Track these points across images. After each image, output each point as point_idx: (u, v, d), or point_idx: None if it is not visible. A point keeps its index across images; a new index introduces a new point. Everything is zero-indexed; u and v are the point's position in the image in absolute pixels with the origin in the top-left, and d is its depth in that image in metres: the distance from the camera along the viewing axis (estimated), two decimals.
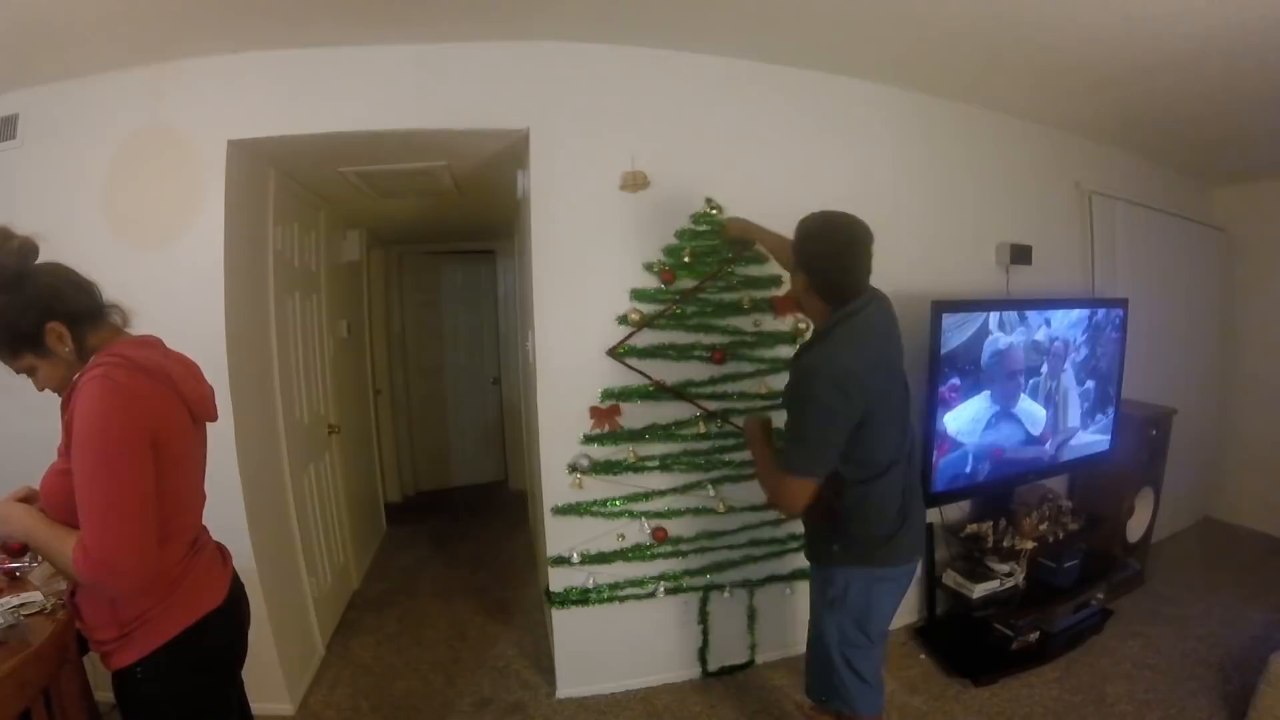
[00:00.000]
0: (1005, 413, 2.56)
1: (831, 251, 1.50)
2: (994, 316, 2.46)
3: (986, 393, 2.49)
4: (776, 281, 2.35)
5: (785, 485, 1.49)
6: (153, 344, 1.19)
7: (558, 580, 2.31)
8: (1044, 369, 2.64)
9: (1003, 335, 2.49)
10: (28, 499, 1.18)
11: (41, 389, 1.14)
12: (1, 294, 1.05)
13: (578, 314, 2.23)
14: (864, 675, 1.61)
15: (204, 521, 1.31)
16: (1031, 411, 2.64)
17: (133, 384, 1.05)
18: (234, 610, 1.27)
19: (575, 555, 2.29)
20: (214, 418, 1.26)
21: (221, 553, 1.32)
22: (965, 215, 2.75)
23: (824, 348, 1.51)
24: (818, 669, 1.69)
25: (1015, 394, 2.58)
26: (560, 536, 2.29)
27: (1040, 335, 2.60)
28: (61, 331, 1.08)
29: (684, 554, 2.37)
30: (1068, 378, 2.72)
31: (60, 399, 1.11)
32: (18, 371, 1.12)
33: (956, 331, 2.37)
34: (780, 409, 2.40)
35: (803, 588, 2.51)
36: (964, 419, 2.46)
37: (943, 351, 2.32)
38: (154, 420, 1.07)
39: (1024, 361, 2.57)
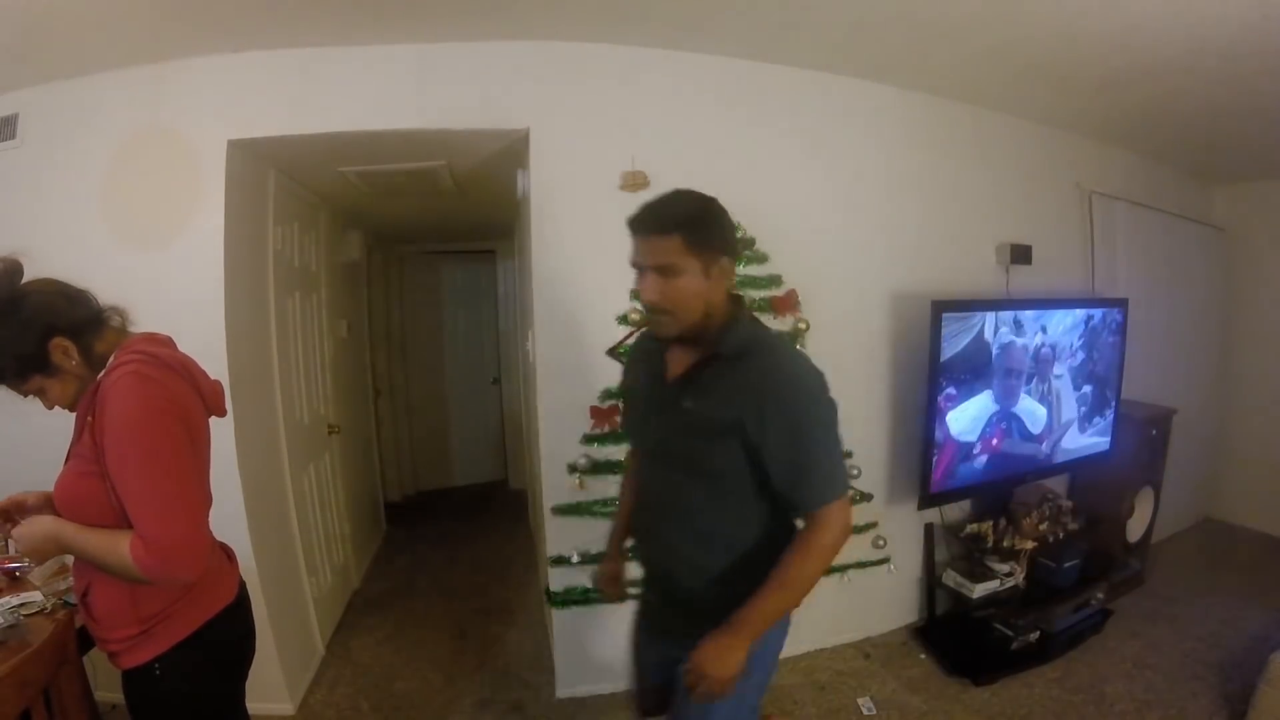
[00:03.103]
0: (1006, 411, 2.57)
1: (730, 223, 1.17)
2: (990, 318, 2.46)
3: (987, 392, 2.49)
4: (777, 281, 2.35)
5: (839, 515, 1.11)
6: (167, 341, 1.20)
7: (558, 580, 2.31)
8: (1041, 372, 2.64)
9: (1003, 333, 2.50)
10: (36, 506, 1.17)
11: (51, 407, 1.13)
12: (4, 324, 1.03)
13: (578, 314, 2.23)
14: None
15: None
16: (1033, 410, 2.64)
17: (162, 378, 1.07)
18: (244, 607, 1.28)
19: (575, 555, 2.29)
20: (224, 412, 1.27)
21: (225, 551, 1.33)
22: (965, 215, 2.75)
23: (775, 345, 1.19)
24: None
25: (1015, 393, 2.58)
26: (560, 536, 2.29)
27: (1036, 340, 2.60)
28: (66, 346, 1.07)
29: None
30: (1062, 381, 2.73)
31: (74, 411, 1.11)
32: (25, 395, 1.10)
33: (955, 337, 2.37)
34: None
35: None
36: (964, 418, 2.46)
37: (943, 356, 2.33)
38: (184, 413, 1.09)
39: (1022, 363, 2.57)
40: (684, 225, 1.09)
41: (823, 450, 1.11)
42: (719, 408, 1.12)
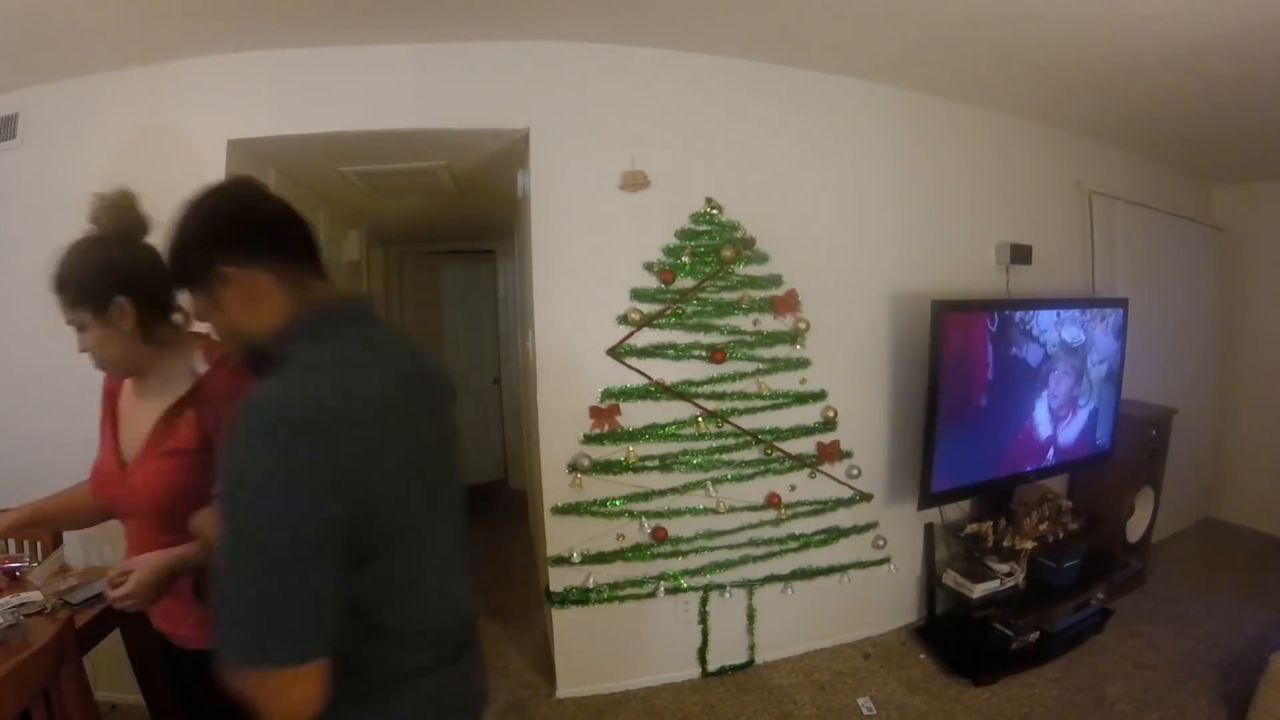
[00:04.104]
0: (1013, 414, 2.57)
1: (238, 202, 0.87)
2: (997, 320, 2.46)
3: (992, 395, 2.49)
4: (777, 281, 2.35)
5: (265, 692, 0.66)
6: None
7: (558, 580, 2.31)
8: (1042, 372, 2.64)
9: (1014, 338, 2.50)
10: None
11: (82, 350, 1.14)
12: (94, 251, 1.09)
13: (578, 314, 2.23)
14: None
15: None
16: (1036, 410, 2.64)
17: None
18: None
19: (575, 555, 2.29)
20: None
21: None
22: (965, 215, 2.75)
23: (266, 382, 0.74)
24: None
25: (1027, 397, 2.58)
26: (560, 536, 2.29)
27: (1037, 340, 2.60)
28: (126, 309, 1.09)
29: (684, 554, 2.37)
30: (1063, 381, 2.73)
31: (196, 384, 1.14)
32: (68, 323, 1.12)
33: (960, 335, 2.37)
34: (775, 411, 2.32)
35: (802, 588, 2.52)
36: (970, 420, 2.46)
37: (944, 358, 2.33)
38: None
39: (1029, 365, 2.57)
40: None
41: (230, 574, 0.66)
42: None
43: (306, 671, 0.67)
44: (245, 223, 0.85)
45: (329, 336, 0.81)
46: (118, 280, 1.08)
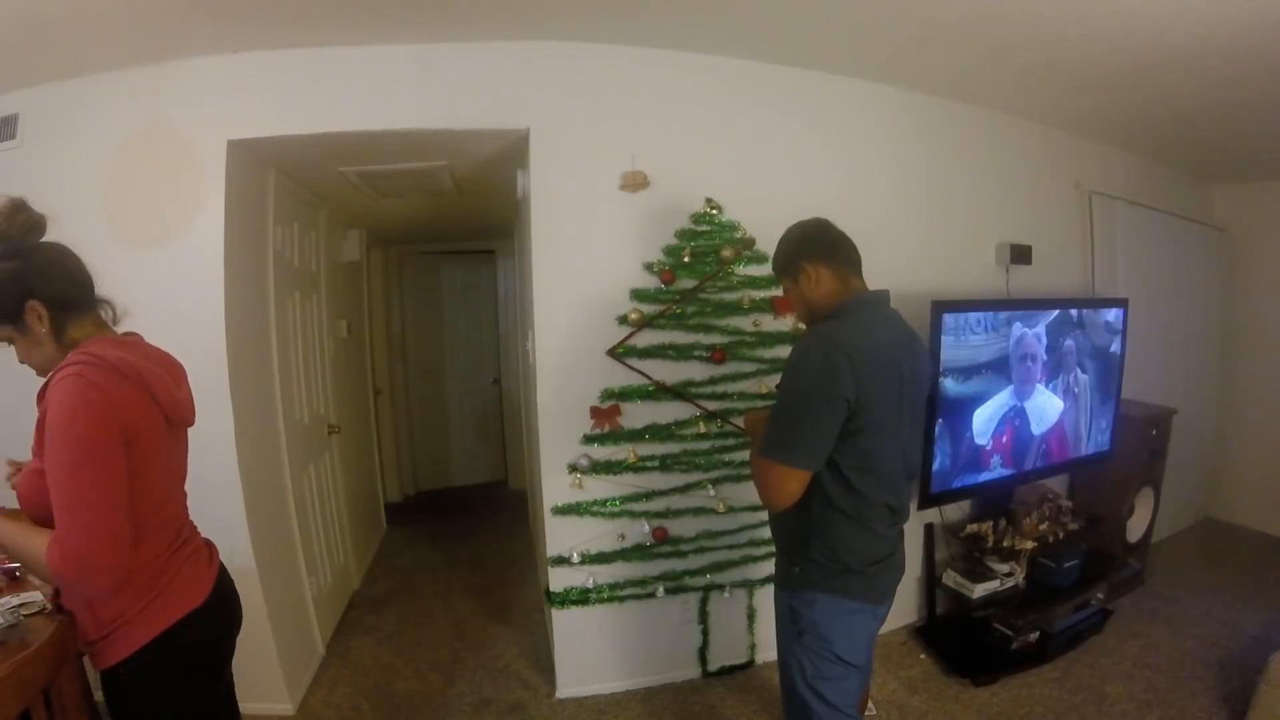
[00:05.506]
0: (1012, 414, 2.57)
1: (817, 229, 1.49)
2: (990, 319, 2.46)
3: (997, 391, 2.49)
4: (777, 281, 2.35)
5: (761, 471, 1.32)
6: (130, 343, 1.17)
7: (558, 580, 2.31)
8: (1041, 373, 2.64)
9: (1013, 338, 2.50)
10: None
11: (22, 362, 1.15)
12: None
13: (578, 314, 2.23)
14: (839, 706, 1.39)
15: (200, 520, 1.31)
16: (1043, 407, 2.63)
17: (104, 382, 1.04)
18: (220, 609, 1.25)
19: (575, 555, 2.29)
20: (190, 423, 1.25)
21: (209, 550, 1.29)
22: (965, 215, 2.75)
23: (825, 324, 1.35)
24: (789, 704, 1.48)
25: (1027, 397, 2.58)
26: (560, 536, 2.29)
27: (1037, 341, 2.61)
28: (41, 313, 1.08)
29: (684, 554, 2.37)
30: (1063, 381, 2.73)
31: (37, 391, 1.10)
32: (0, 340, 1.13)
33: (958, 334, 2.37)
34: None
35: None
36: (977, 419, 2.46)
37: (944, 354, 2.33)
38: (125, 418, 1.05)
39: (1035, 366, 2.57)
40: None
41: (778, 413, 1.31)
42: None
43: (802, 475, 1.27)
44: (819, 239, 1.46)
45: (859, 310, 1.36)
46: (27, 289, 1.07)
